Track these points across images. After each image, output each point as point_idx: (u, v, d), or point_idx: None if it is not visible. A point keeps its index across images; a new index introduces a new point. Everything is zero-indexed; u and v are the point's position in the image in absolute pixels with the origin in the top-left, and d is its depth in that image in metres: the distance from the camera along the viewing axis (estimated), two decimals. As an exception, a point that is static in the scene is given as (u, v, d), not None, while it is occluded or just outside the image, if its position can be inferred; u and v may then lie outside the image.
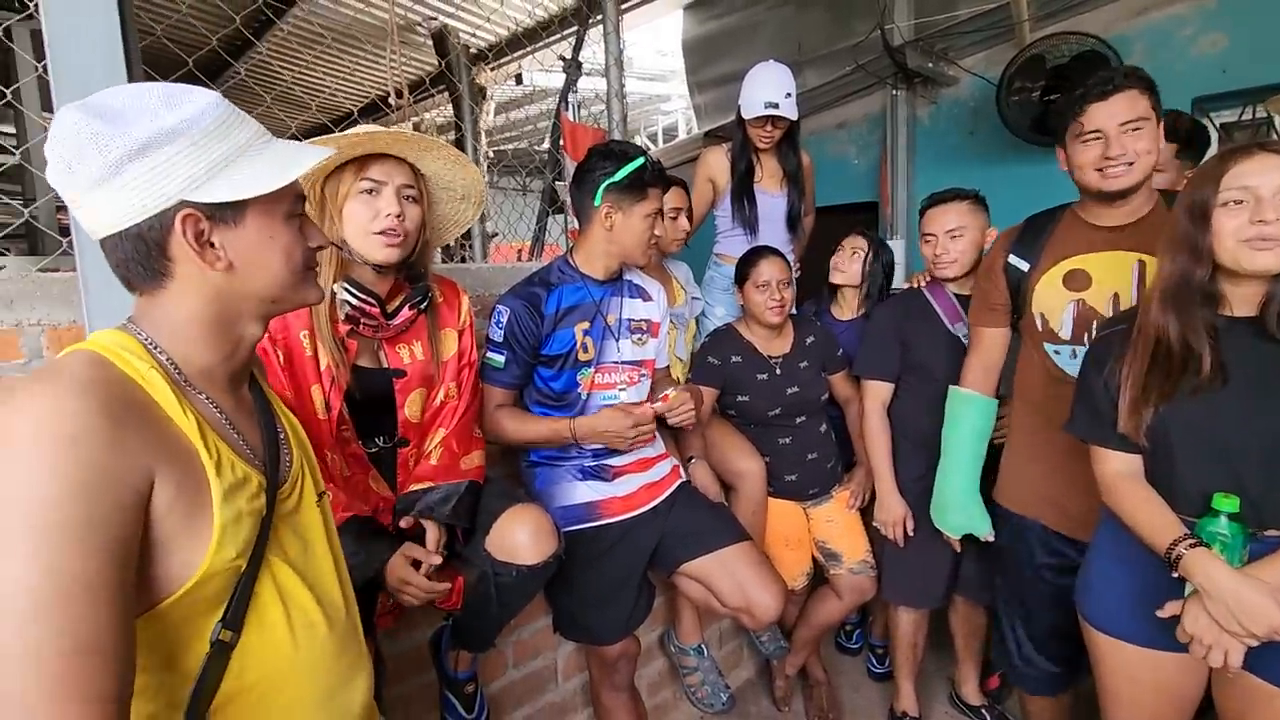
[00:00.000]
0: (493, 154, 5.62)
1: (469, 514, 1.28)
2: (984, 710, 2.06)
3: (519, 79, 5.17)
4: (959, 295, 1.82)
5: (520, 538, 1.25)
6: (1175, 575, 1.05)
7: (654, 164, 1.48)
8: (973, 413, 1.63)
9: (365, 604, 1.10)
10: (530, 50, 4.54)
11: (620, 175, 1.45)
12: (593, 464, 1.56)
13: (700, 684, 1.89)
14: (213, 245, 0.66)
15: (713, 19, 4.75)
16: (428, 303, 1.29)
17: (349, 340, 1.23)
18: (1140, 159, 1.28)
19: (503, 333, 1.46)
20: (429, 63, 4.80)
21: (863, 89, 3.73)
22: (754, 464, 1.90)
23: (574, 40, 3.69)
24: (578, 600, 1.56)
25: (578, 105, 3.41)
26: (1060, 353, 1.43)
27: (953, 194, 1.81)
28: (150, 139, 0.61)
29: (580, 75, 3.50)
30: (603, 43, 2.47)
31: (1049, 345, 1.44)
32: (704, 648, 1.92)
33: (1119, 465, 1.15)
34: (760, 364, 1.96)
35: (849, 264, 2.10)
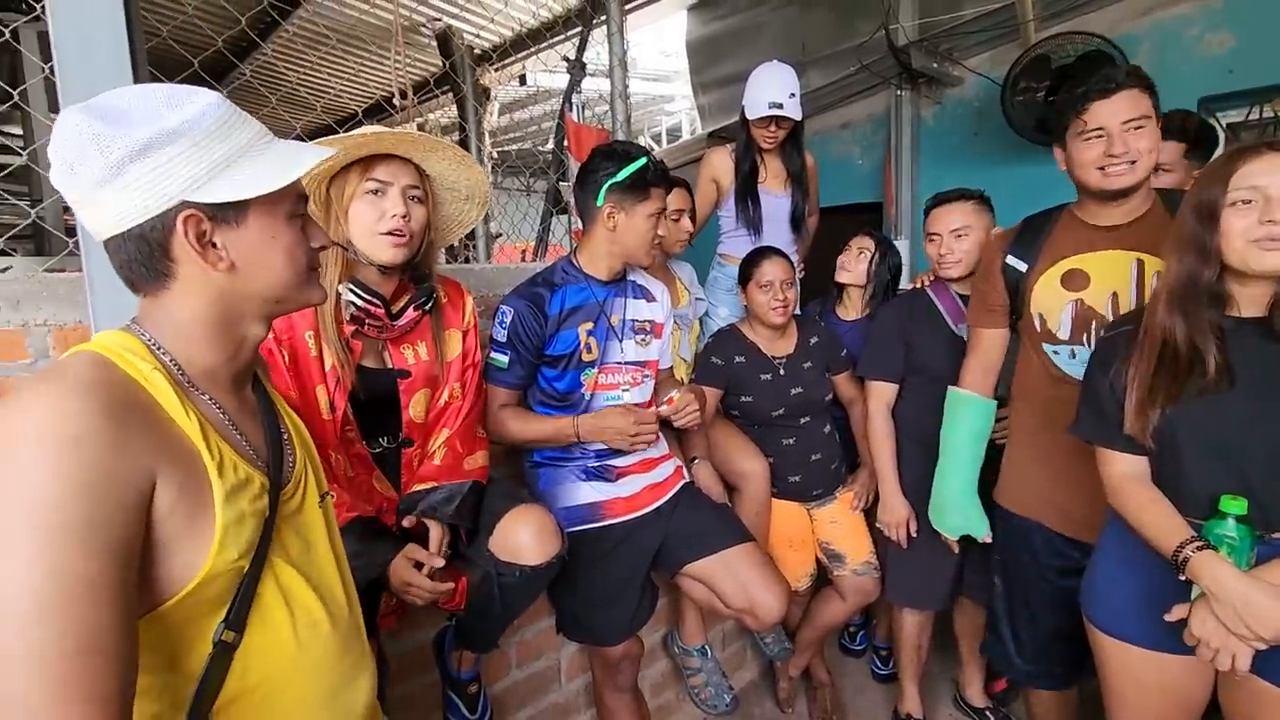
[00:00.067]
0: (497, 154, 5.62)
1: (472, 514, 1.28)
2: (988, 712, 2.05)
3: (523, 80, 5.18)
4: (963, 295, 1.82)
5: (524, 538, 1.25)
6: (1182, 578, 1.04)
7: (656, 164, 1.48)
8: (971, 414, 1.63)
9: (368, 604, 1.10)
10: (534, 51, 4.54)
11: (622, 175, 1.45)
12: (596, 465, 1.56)
13: (704, 685, 1.89)
14: (215, 246, 0.66)
15: (717, 19, 4.74)
16: (432, 303, 1.30)
17: (354, 341, 1.23)
18: (1142, 158, 1.28)
19: (506, 333, 1.46)
20: (433, 63, 4.81)
21: (867, 89, 3.73)
22: (758, 465, 1.90)
23: (578, 41, 3.69)
24: (581, 601, 1.56)
25: (582, 106, 3.41)
26: (1059, 353, 1.42)
27: (958, 194, 1.81)
28: (151, 140, 0.61)
29: (584, 76, 3.50)
30: (607, 43, 2.47)
31: (1048, 346, 1.44)
32: (707, 649, 1.92)
33: (1125, 467, 1.14)
34: (764, 364, 1.95)
35: (855, 264, 2.09)
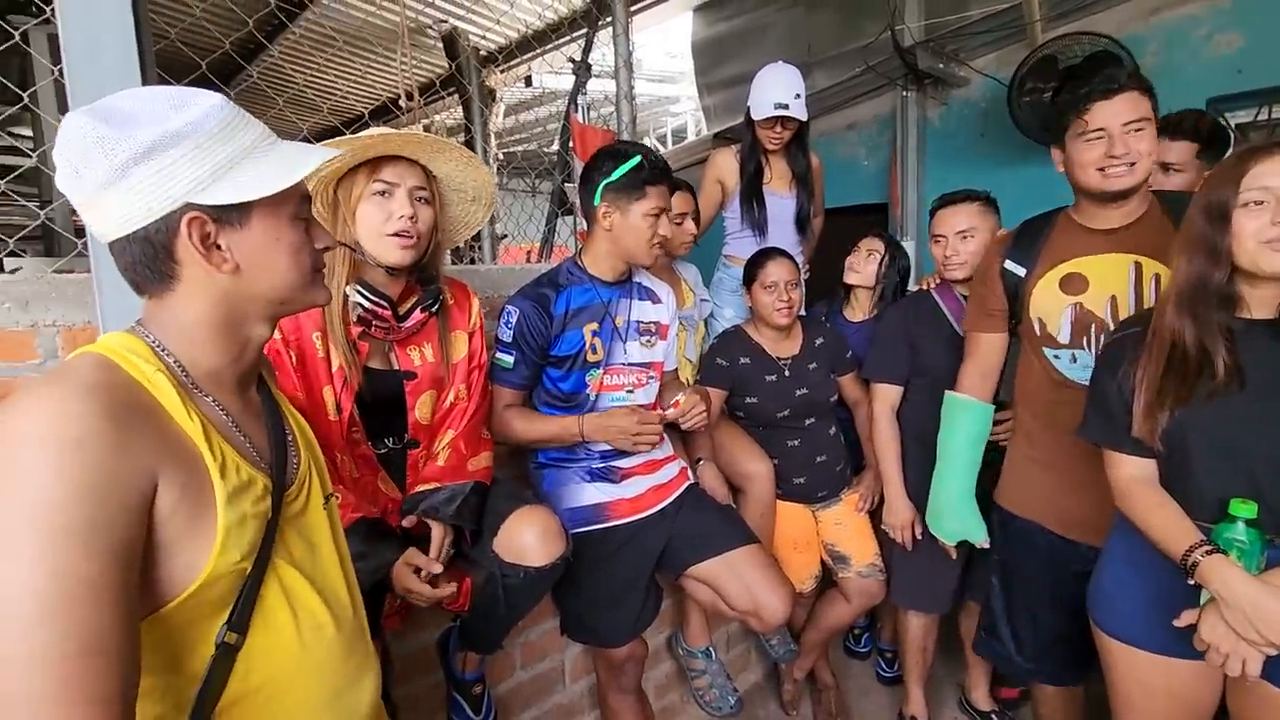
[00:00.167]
0: (502, 156, 5.63)
1: (475, 515, 1.28)
2: (993, 715, 2.03)
3: (528, 81, 5.18)
4: (968, 296, 1.81)
5: (528, 539, 1.25)
6: (1191, 582, 1.03)
7: (652, 162, 1.47)
8: (968, 419, 1.62)
9: (373, 605, 1.10)
10: (540, 52, 4.55)
11: (616, 175, 1.46)
12: (601, 466, 1.56)
13: (708, 687, 1.88)
14: (219, 247, 0.66)
15: (722, 20, 4.74)
16: (439, 305, 1.30)
17: (360, 342, 1.23)
18: (1141, 160, 1.28)
19: (511, 333, 1.46)
20: (439, 65, 4.82)
21: (873, 90, 3.72)
22: (762, 466, 1.90)
23: (583, 42, 3.70)
24: (585, 602, 1.56)
25: (587, 107, 3.41)
26: (1059, 357, 1.42)
27: (964, 195, 1.80)
28: (155, 142, 0.61)
29: (589, 77, 3.51)
30: (612, 45, 2.47)
31: (1048, 350, 1.43)
32: (712, 650, 1.91)
33: (1133, 470, 1.14)
34: (769, 365, 1.95)
35: (864, 265, 2.09)
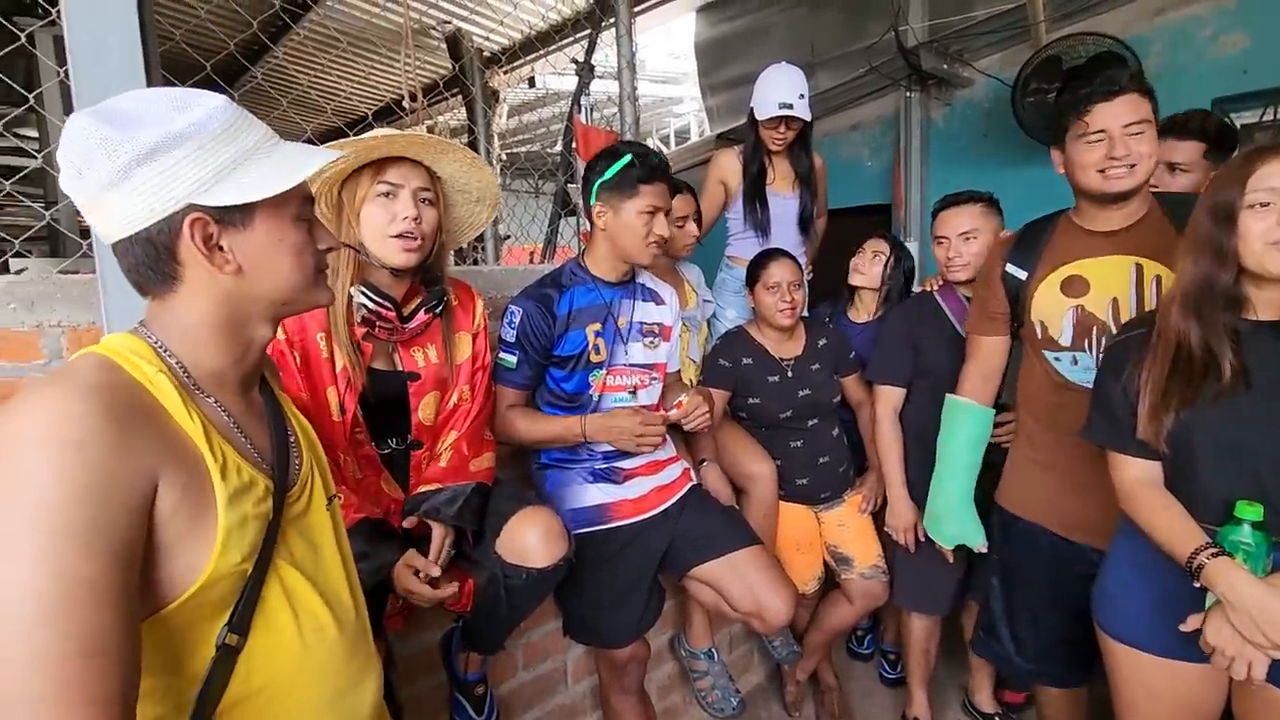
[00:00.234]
0: (505, 157, 5.64)
1: (476, 516, 1.28)
2: (996, 718, 2.03)
3: (532, 82, 5.19)
4: (971, 298, 1.80)
5: (530, 540, 1.25)
6: (1197, 585, 1.03)
7: (645, 161, 1.46)
8: (969, 422, 1.62)
9: (375, 605, 1.10)
10: (543, 53, 4.55)
11: (609, 174, 1.46)
12: (603, 466, 1.55)
13: (710, 688, 1.88)
14: (221, 249, 0.66)
15: (725, 21, 4.74)
16: (443, 306, 1.30)
17: (364, 343, 1.23)
18: (1141, 161, 1.28)
19: (515, 333, 1.46)
20: (443, 66, 4.83)
21: (876, 91, 3.71)
22: (765, 467, 1.89)
23: (586, 43, 3.70)
24: (588, 603, 1.56)
25: (590, 108, 3.41)
26: (1061, 359, 1.42)
27: (966, 196, 1.80)
28: (158, 143, 0.61)
29: (593, 78, 3.51)
30: (615, 45, 2.47)
31: (1049, 353, 1.43)
32: (714, 652, 1.91)
33: (1138, 472, 1.13)
34: (771, 366, 1.95)
35: (869, 266, 2.08)
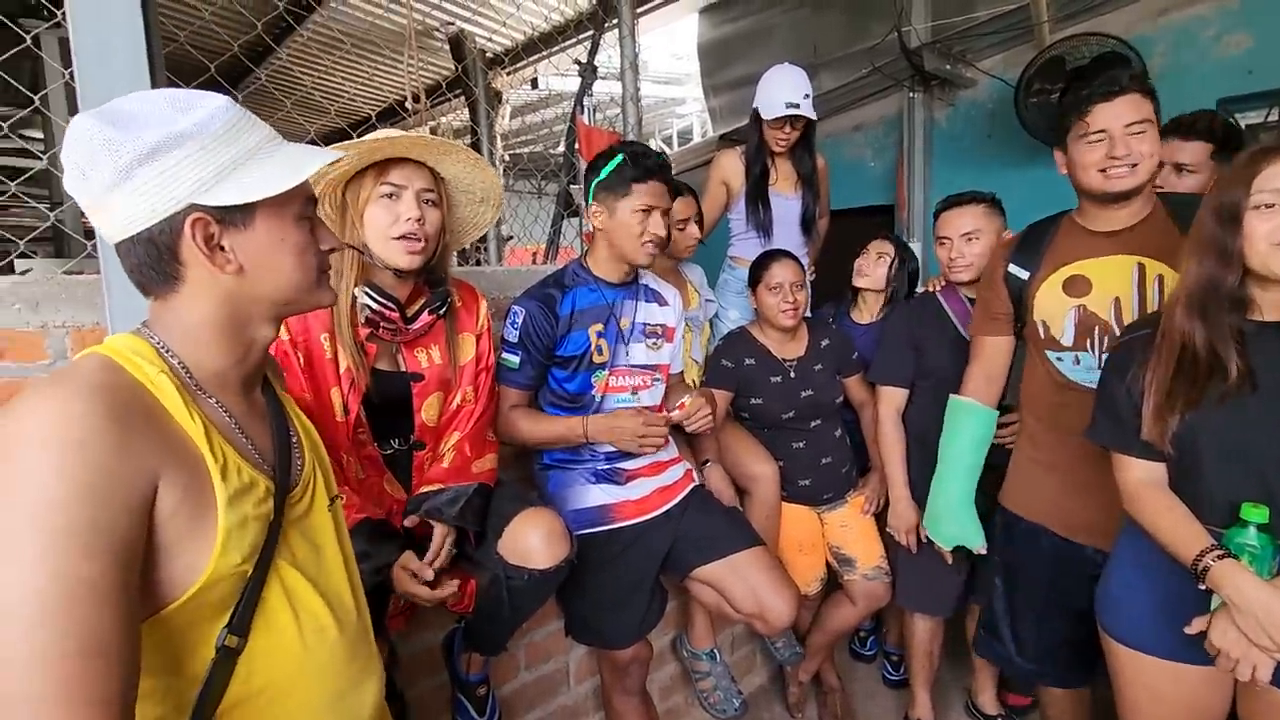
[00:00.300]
0: (508, 158, 5.64)
1: (478, 517, 1.28)
2: (999, 719, 2.03)
3: (534, 83, 5.20)
4: (973, 299, 1.80)
5: (532, 541, 1.25)
6: (1202, 587, 1.02)
7: (638, 160, 1.45)
8: (972, 422, 1.61)
9: (377, 605, 1.10)
10: (546, 54, 4.56)
11: (603, 174, 1.47)
12: (606, 467, 1.55)
13: (712, 689, 1.88)
14: (223, 248, 0.66)
15: (728, 22, 4.74)
16: (446, 307, 1.30)
17: (368, 344, 1.24)
18: (1143, 161, 1.28)
19: (518, 333, 1.46)
20: (446, 67, 4.85)
21: (879, 91, 3.71)
22: (768, 468, 1.89)
23: (589, 44, 3.70)
24: (590, 604, 1.56)
25: (593, 109, 3.41)
26: (1063, 359, 1.41)
27: (969, 197, 1.79)
28: (159, 143, 0.62)
29: (595, 79, 3.51)
30: (618, 46, 2.47)
31: (1051, 353, 1.43)
32: (716, 653, 1.91)
33: (1142, 473, 1.13)
34: (774, 367, 1.95)
35: (874, 268, 2.08)
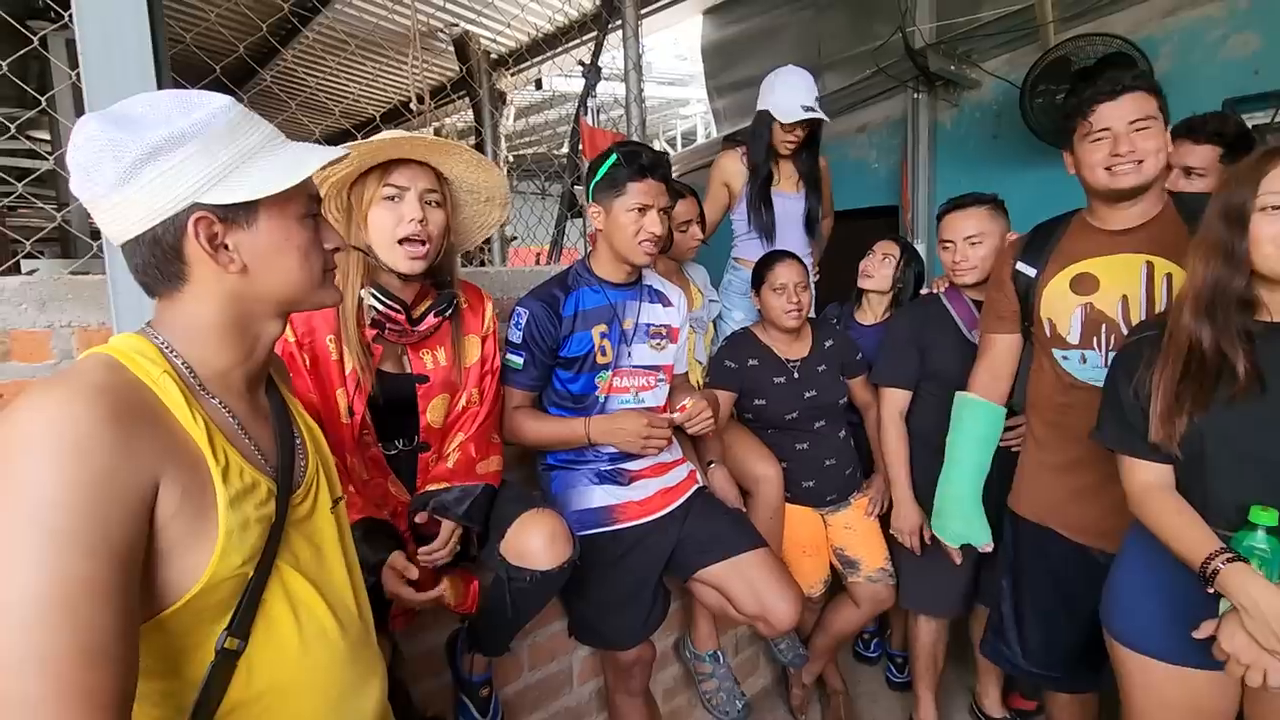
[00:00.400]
0: (512, 158, 5.65)
1: (483, 516, 1.28)
2: (1005, 723, 2.01)
3: (538, 84, 5.20)
4: (977, 301, 1.79)
5: (535, 543, 1.25)
6: (1211, 591, 1.01)
7: (632, 159, 1.44)
8: (976, 418, 1.60)
9: (380, 604, 1.10)
10: (550, 56, 4.56)
11: (600, 174, 1.47)
12: (609, 468, 1.55)
13: (716, 691, 1.88)
14: (226, 247, 0.66)
15: (732, 23, 4.73)
16: (452, 309, 1.30)
17: (374, 345, 1.24)
18: (1149, 158, 1.27)
19: (521, 334, 1.46)
20: (450, 68, 4.86)
21: (884, 92, 3.70)
22: (771, 469, 1.89)
23: (593, 45, 3.70)
24: (593, 605, 1.56)
25: (597, 110, 3.41)
26: (1069, 358, 1.41)
27: (971, 199, 1.78)
28: (162, 143, 0.62)
29: (599, 80, 3.50)
30: (622, 47, 2.48)
31: (1057, 351, 1.42)
32: (720, 654, 1.91)
33: (1149, 476, 1.12)
34: (778, 367, 1.94)
35: (879, 269, 2.08)
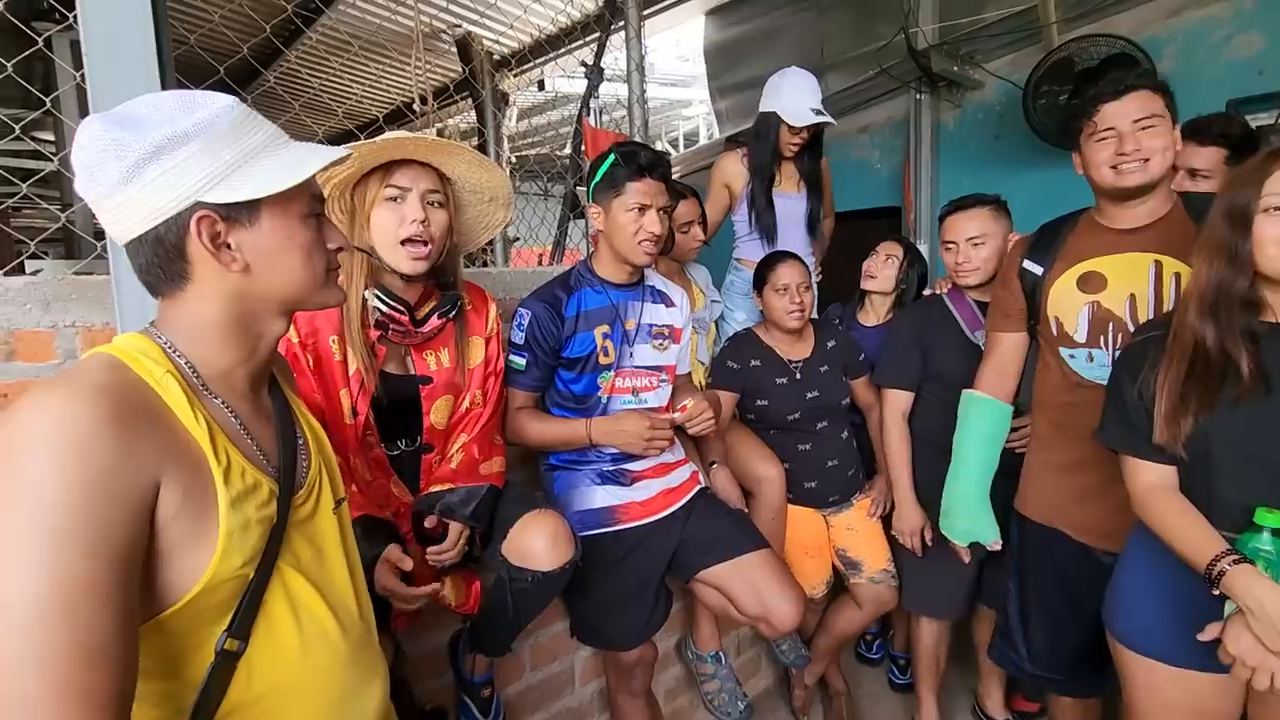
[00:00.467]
0: (515, 159, 5.66)
1: (488, 518, 1.28)
2: (1007, 725, 2.01)
3: (541, 85, 5.21)
4: (980, 302, 1.79)
5: (537, 544, 1.25)
6: (1216, 593, 1.01)
7: (630, 158, 1.44)
8: (983, 416, 1.60)
9: (382, 605, 1.10)
10: (553, 56, 4.57)
11: (599, 175, 1.47)
12: (611, 468, 1.55)
13: (718, 691, 1.88)
14: (228, 246, 0.66)
15: (735, 24, 4.73)
16: (456, 311, 1.30)
17: (377, 346, 1.24)
18: (1155, 156, 1.26)
19: (524, 335, 1.47)
20: (453, 69, 4.86)
21: (886, 93, 3.69)
22: (773, 470, 1.89)
23: (596, 46, 3.71)
24: (595, 605, 1.56)
25: (599, 110, 3.41)
26: (1076, 356, 1.40)
27: (974, 200, 1.77)
28: (165, 142, 0.62)
29: (602, 81, 3.51)
30: (625, 48, 2.48)
31: (1064, 350, 1.42)
32: (722, 655, 1.90)
33: (1153, 477, 1.11)
34: (780, 368, 1.94)
35: (882, 269, 2.08)
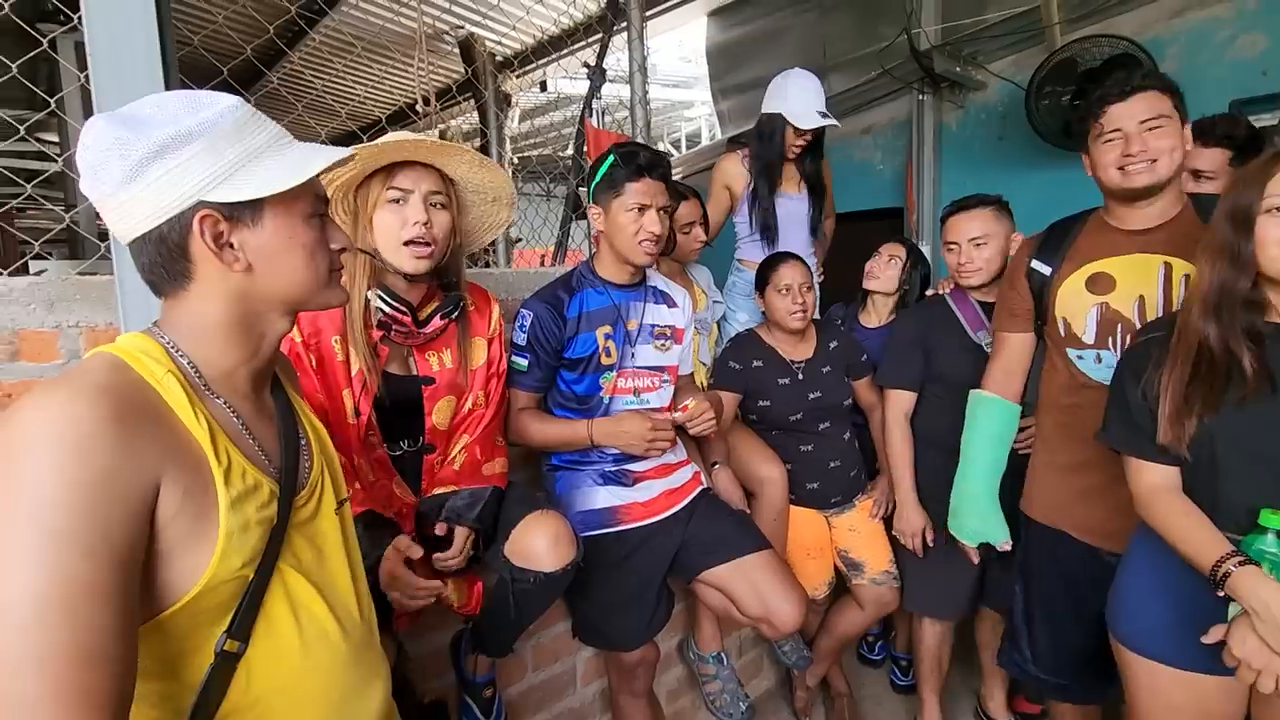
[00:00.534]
0: (517, 160, 5.66)
1: (492, 520, 1.29)
2: (1010, 727, 2.00)
3: (544, 86, 5.21)
4: (982, 303, 1.79)
5: (539, 545, 1.25)
6: (1220, 594, 1.00)
7: (629, 158, 1.44)
8: (989, 415, 1.60)
9: (384, 605, 1.10)
10: (555, 57, 4.58)
11: (598, 176, 1.48)
12: (613, 469, 1.55)
13: (719, 692, 1.87)
14: (231, 246, 0.66)
15: (737, 25, 4.73)
16: (459, 312, 1.30)
17: (380, 346, 1.24)
18: (1162, 156, 1.25)
19: (526, 336, 1.47)
20: (456, 70, 4.86)
21: (889, 94, 3.69)
22: (775, 470, 1.89)
23: (598, 47, 3.71)
24: (597, 606, 1.56)
25: (602, 111, 3.41)
26: (1084, 357, 1.40)
27: (975, 201, 1.77)
28: (169, 141, 0.62)
29: (604, 82, 3.51)
30: (627, 49, 2.48)
31: (1072, 351, 1.41)
32: (724, 656, 1.90)
33: (1157, 478, 1.11)
34: (782, 369, 1.94)
35: (885, 270, 2.07)
